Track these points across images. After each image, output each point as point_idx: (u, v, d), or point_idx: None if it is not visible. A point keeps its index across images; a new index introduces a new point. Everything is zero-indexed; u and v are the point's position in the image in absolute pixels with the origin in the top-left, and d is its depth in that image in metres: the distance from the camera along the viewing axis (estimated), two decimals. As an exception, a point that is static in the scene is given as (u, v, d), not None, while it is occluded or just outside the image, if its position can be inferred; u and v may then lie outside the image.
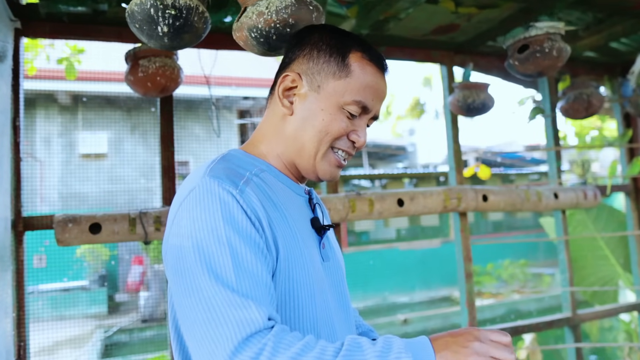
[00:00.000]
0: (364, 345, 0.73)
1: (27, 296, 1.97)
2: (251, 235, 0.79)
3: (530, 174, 11.37)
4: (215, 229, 0.78)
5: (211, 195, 0.81)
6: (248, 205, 0.81)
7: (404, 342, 0.74)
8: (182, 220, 0.81)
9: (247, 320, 0.72)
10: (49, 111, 6.75)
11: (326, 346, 0.73)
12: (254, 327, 0.72)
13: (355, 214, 2.26)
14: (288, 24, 1.27)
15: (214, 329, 0.72)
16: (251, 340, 0.71)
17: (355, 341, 0.74)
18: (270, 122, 0.98)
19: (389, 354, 0.71)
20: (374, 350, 0.72)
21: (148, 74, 1.92)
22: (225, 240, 0.77)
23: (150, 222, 1.98)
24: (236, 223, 0.79)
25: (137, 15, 1.36)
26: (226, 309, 0.73)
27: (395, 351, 0.72)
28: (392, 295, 8.67)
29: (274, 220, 0.85)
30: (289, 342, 0.72)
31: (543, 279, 9.53)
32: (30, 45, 2.61)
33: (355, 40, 0.95)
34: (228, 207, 0.80)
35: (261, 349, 0.70)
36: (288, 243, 0.86)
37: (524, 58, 2.05)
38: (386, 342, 0.74)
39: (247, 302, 0.74)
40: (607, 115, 4.32)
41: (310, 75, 0.94)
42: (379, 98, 0.96)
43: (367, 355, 0.71)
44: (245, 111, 7.76)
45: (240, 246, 0.77)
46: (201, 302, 0.75)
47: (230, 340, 0.71)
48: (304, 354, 0.71)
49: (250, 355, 0.69)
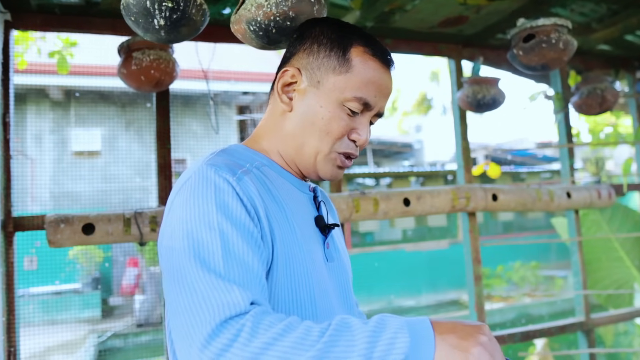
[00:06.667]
0: (354, 325, 0.68)
1: (18, 300, 1.94)
2: (245, 223, 0.78)
3: (541, 173, 11.30)
4: (207, 214, 0.77)
5: (206, 181, 0.80)
6: (245, 193, 0.80)
7: (401, 321, 0.68)
8: (176, 208, 0.81)
9: (227, 303, 0.69)
10: (40, 107, 6.74)
11: (311, 327, 0.69)
12: (234, 310, 0.69)
13: (360, 214, 2.22)
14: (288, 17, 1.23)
15: (194, 312, 0.70)
16: (230, 323, 0.68)
17: (344, 321, 0.69)
18: (270, 118, 0.97)
19: (382, 333, 0.66)
20: (365, 330, 0.67)
21: (142, 67, 1.89)
22: (217, 226, 0.75)
23: (146, 223, 1.95)
24: (229, 210, 0.77)
25: (133, 7, 1.34)
26: (208, 292, 0.71)
27: (390, 331, 0.67)
28: (398, 299, 8.60)
29: (271, 213, 0.83)
30: (270, 323, 0.68)
31: (555, 281, 9.48)
32: (20, 38, 2.59)
33: (358, 34, 0.93)
34: (222, 194, 0.78)
35: (239, 330, 0.67)
36: (286, 238, 0.84)
37: (529, 48, 2.00)
38: (380, 322, 0.69)
39: (231, 286, 0.71)
40: (622, 111, 4.27)
41: (310, 71, 0.92)
42: (383, 94, 0.93)
43: (357, 335, 0.66)
44: (245, 107, 7.73)
45: (232, 233, 0.76)
46: (185, 288, 0.73)
47: (207, 323, 0.68)
48: (286, 334, 0.67)
49: (228, 337, 0.67)
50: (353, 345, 0.66)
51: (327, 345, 0.66)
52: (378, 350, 0.65)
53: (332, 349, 0.65)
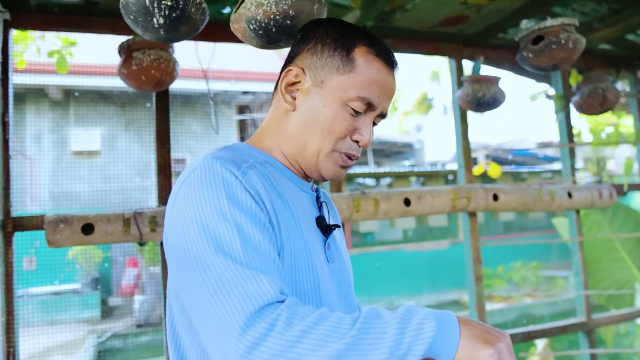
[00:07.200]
0: (383, 313, 0.72)
1: (17, 300, 1.93)
2: (255, 213, 0.79)
3: (542, 172, 11.29)
4: (219, 207, 0.77)
5: (213, 173, 0.80)
6: (250, 186, 0.81)
7: (428, 311, 0.72)
8: (183, 201, 0.80)
9: (259, 292, 0.71)
10: (39, 106, 6.73)
11: (343, 317, 0.71)
12: (266, 299, 0.70)
13: (360, 214, 2.21)
14: (288, 16, 1.24)
15: (224, 302, 0.71)
16: (264, 312, 0.69)
17: (373, 310, 0.73)
18: (274, 117, 0.98)
19: (411, 320, 0.70)
20: (394, 317, 0.70)
21: (142, 67, 1.88)
22: (231, 218, 0.76)
23: (146, 223, 1.94)
24: (239, 201, 0.78)
25: (132, 6, 1.33)
26: (236, 282, 0.72)
27: (418, 317, 0.70)
28: (398, 299, 8.59)
29: (276, 206, 0.84)
30: (304, 313, 0.70)
31: (556, 282, 9.46)
32: (19, 37, 2.58)
33: (362, 34, 0.94)
34: (231, 186, 0.79)
35: (275, 320, 0.68)
36: (291, 233, 0.85)
37: (539, 50, 1.99)
38: (408, 310, 0.72)
39: (258, 274, 0.72)
40: (624, 110, 4.25)
41: (314, 70, 0.92)
42: (386, 95, 0.93)
43: (387, 322, 0.70)
44: (245, 106, 7.72)
45: (246, 223, 0.76)
46: (209, 277, 0.73)
47: (242, 312, 0.69)
48: (320, 323, 0.69)
49: (264, 326, 0.68)
50: (384, 332, 0.68)
51: (360, 332, 0.68)
52: (408, 335, 0.68)
53: (366, 336, 0.68)
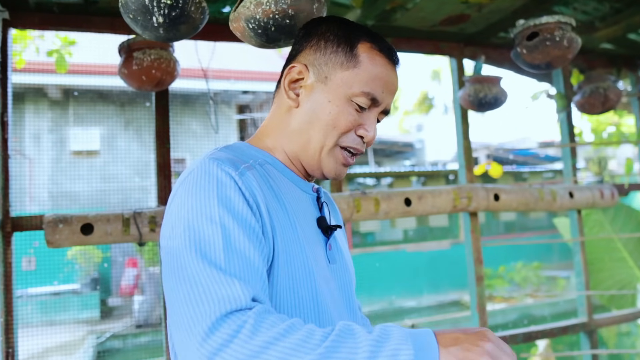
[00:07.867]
0: (357, 332, 0.68)
1: (16, 300, 1.93)
2: (247, 218, 0.77)
3: (544, 172, 11.30)
4: (208, 208, 0.76)
5: (209, 176, 0.79)
6: (247, 188, 0.80)
7: (404, 333, 0.68)
8: (177, 202, 0.80)
9: (229, 297, 0.69)
10: (38, 106, 6.73)
11: (314, 330, 0.68)
12: (235, 305, 0.68)
13: (360, 214, 2.20)
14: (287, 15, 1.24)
15: (194, 305, 0.70)
16: (230, 317, 0.67)
17: (348, 327, 0.69)
18: (276, 115, 0.97)
19: (386, 343, 0.66)
20: (369, 338, 0.66)
21: (143, 67, 1.87)
22: (218, 220, 0.75)
23: (145, 223, 1.93)
24: (232, 204, 0.77)
25: (131, 5, 1.33)
26: (209, 285, 0.70)
27: (394, 342, 0.66)
28: (399, 300, 8.59)
29: (272, 210, 0.83)
30: (272, 322, 0.68)
31: (557, 282, 9.44)
32: (18, 36, 2.57)
33: (364, 31, 0.94)
34: (224, 188, 0.78)
35: (240, 326, 0.66)
36: (287, 236, 0.83)
37: (533, 46, 1.98)
38: (384, 331, 0.68)
39: (232, 279, 0.71)
40: (625, 110, 4.24)
41: (318, 67, 0.92)
42: (389, 91, 0.93)
43: (360, 343, 0.66)
44: (245, 106, 7.72)
45: (233, 227, 0.75)
46: (185, 279, 0.73)
47: (208, 317, 0.67)
48: (288, 335, 0.66)
49: (228, 332, 0.66)
50: (355, 353, 0.65)
51: (329, 351, 0.65)
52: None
53: (334, 355, 0.65)
